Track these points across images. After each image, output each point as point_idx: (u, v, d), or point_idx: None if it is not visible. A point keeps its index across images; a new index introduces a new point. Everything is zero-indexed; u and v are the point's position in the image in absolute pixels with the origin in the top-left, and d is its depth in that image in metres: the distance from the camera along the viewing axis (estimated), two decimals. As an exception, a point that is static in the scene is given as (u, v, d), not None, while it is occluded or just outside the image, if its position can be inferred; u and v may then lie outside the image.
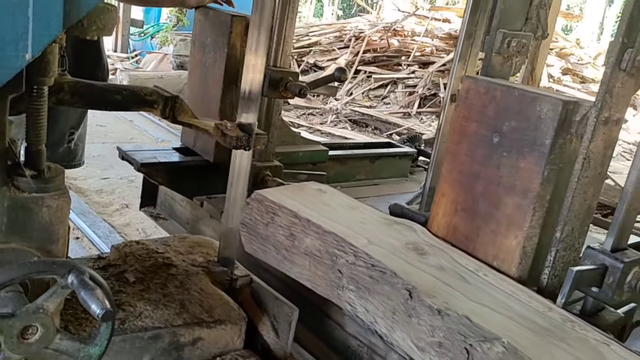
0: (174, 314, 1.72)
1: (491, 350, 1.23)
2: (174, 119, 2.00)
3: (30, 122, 1.32)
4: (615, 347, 1.32)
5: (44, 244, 1.33)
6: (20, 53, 1.10)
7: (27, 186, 1.29)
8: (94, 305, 1.09)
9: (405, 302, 1.43)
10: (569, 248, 1.64)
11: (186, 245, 2.12)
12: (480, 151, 1.69)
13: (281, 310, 1.89)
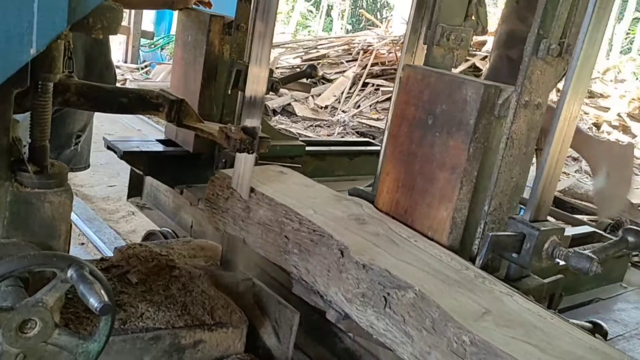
0: (175, 316, 1.72)
1: (404, 296, 1.42)
2: (179, 123, 2.01)
3: (35, 118, 1.33)
4: (518, 298, 1.47)
5: (45, 240, 1.34)
6: (25, 47, 1.10)
7: (29, 182, 1.30)
8: (93, 298, 1.09)
9: (338, 260, 1.60)
10: (498, 221, 1.77)
11: (189, 249, 2.12)
12: (418, 132, 1.84)
13: (283, 315, 1.88)
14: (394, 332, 1.46)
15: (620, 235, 1.84)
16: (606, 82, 8.76)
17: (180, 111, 2.00)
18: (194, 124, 2.02)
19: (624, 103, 8.25)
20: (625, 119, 8.07)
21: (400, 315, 1.43)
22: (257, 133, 1.85)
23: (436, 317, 1.35)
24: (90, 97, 1.87)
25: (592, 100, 8.35)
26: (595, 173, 3.51)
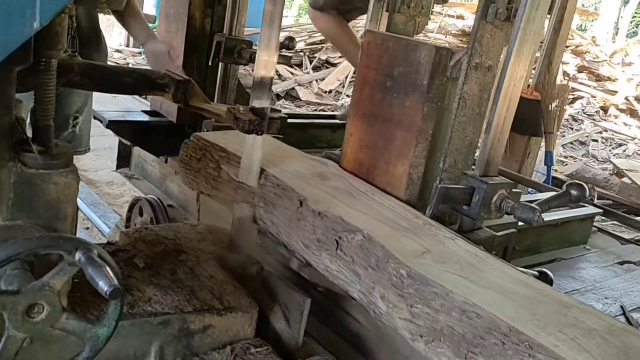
0: (183, 300, 1.68)
1: (354, 239, 1.54)
2: (186, 103, 1.97)
3: (38, 97, 1.29)
4: (459, 242, 1.57)
5: (51, 222, 1.30)
6: (28, 21, 1.06)
7: (33, 162, 1.26)
8: (102, 282, 1.05)
9: (297, 210, 1.72)
10: (453, 178, 1.87)
11: (197, 232, 2.08)
12: (378, 94, 1.92)
13: (292, 299, 1.84)
14: (344, 273, 1.58)
15: (564, 189, 1.90)
16: (613, 65, 8.65)
17: (186, 91, 1.97)
18: (201, 105, 1.98)
19: (631, 86, 8.16)
20: (632, 102, 7.99)
21: (349, 256, 1.55)
22: (267, 114, 1.81)
23: (380, 255, 1.47)
24: (94, 77, 1.83)
25: (600, 84, 8.26)
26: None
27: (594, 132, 7.28)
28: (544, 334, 1.17)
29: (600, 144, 7.09)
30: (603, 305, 2.54)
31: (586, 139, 7.12)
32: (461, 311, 1.26)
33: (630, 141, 7.16)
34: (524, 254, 2.73)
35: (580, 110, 7.61)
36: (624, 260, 3.06)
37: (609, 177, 5.84)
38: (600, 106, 7.89)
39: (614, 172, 6.10)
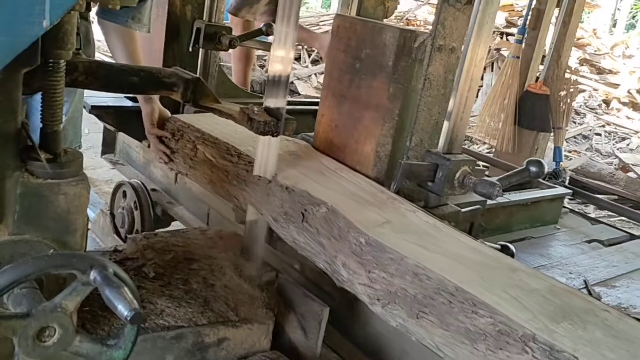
0: (197, 313, 1.60)
1: (318, 211, 1.61)
2: (195, 103, 1.88)
3: (46, 100, 1.19)
4: (420, 214, 1.65)
5: (60, 235, 1.21)
6: (36, 19, 0.97)
7: (41, 171, 1.16)
8: (121, 306, 0.96)
9: (267, 186, 1.78)
10: (419, 156, 1.94)
11: (207, 238, 1.99)
12: (347, 76, 1.98)
13: (310, 308, 1.76)
14: (310, 244, 1.64)
15: (524, 166, 1.97)
16: (615, 57, 8.58)
17: (196, 91, 1.88)
18: (212, 104, 1.89)
19: (634, 79, 8.09)
20: (635, 95, 7.92)
21: (314, 228, 1.61)
22: (282, 114, 1.72)
23: (342, 226, 1.54)
24: (99, 76, 1.74)
25: (602, 77, 8.19)
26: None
27: (597, 125, 7.21)
28: (488, 294, 1.24)
29: (604, 138, 7.02)
30: (567, 279, 2.63)
31: (589, 133, 7.05)
32: (414, 274, 1.35)
33: (633, 135, 7.09)
34: (495, 233, 2.82)
35: (583, 104, 7.54)
36: (592, 239, 3.16)
37: (614, 171, 5.77)
38: (602, 99, 7.82)
39: (619, 166, 6.03)
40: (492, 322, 1.19)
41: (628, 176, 5.67)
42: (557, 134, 4.31)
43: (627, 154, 6.41)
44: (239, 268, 1.85)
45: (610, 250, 3.08)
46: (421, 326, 1.32)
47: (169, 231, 2.02)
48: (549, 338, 1.12)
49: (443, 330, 1.27)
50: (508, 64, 4.27)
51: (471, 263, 1.40)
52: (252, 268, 1.87)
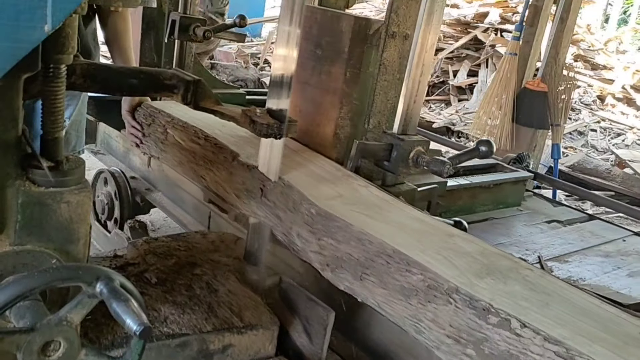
0: (201, 319, 1.57)
1: (276, 187, 1.72)
2: (196, 105, 1.84)
3: (47, 106, 1.16)
4: (373, 189, 1.74)
5: (63, 245, 1.17)
6: (38, 24, 0.93)
7: (43, 179, 1.13)
8: (130, 320, 0.93)
9: (230, 164, 1.88)
10: (377, 138, 2.04)
11: (208, 242, 1.96)
12: (310, 63, 2.08)
13: (314, 313, 1.73)
14: (270, 217, 1.74)
15: (475, 146, 2.06)
16: (609, 53, 8.58)
17: (196, 93, 1.84)
18: (213, 106, 1.85)
19: (628, 75, 8.09)
20: (629, 91, 7.92)
21: (272, 202, 1.72)
22: (285, 116, 1.69)
23: (296, 198, 1.63)
24: (97, 79, 1.70)
25: (596, 72, 8.18)
26: None
27: (592, 121, 7.21)
28: (422, 254, 1.37)
29: (599, 134, 7.02)
30: (522, 255, 2.74)
31: (584, 129, 7.04)
32: (358, 240, 1.45)
33: (628, 130, 7.09)
34: (458, 214, 2.87)
35: (578, 100, 7.53)
36: (552, 219, 3.30)
37: (610, 168, 5.77)
38: (597, 95, 7.82)
39: (616, 162, 6.03)
40: (422, 279, 1.31)
41: (625, 172, 5.67)
42: (555, 131, 4.30)
43: (624, 150, 6.41)
44: (242, 272, 1.83)
45: (568, 229, 3.21)
46: (364, 287, 1.44)
47: (170, 235, 1.99)
48: (471, 290, 1.24)
49: (382, 289, 1.39)
50: (505, 61, 4.25)
51: (411, 230, 1.51)
52: (255, 272, 1.84)
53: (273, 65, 1.70)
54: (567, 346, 1.08)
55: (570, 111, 6.84)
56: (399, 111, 1.98)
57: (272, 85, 1.71)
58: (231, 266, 1.83)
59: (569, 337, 1.10)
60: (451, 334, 1.24)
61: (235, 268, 1.82)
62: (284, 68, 1.68)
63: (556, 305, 1.23)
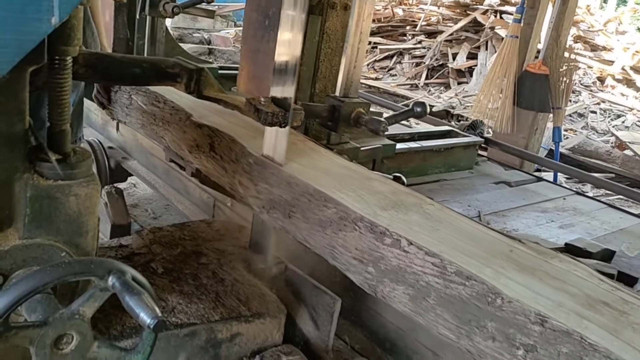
0: (209, 308, 1.58)
1: (222, 142, 1.86)
2: (200, 94, 1.83)
3: (53, 99, 1.15)
4: (309, 143, 1.87)
5: (72, 238, 1.17)
6: (45, 16, 0.92)
7: (51, 172, 1.12)
8: (143, 313, 0.93)
9: (184, 123, 2.02)
10: (323, 101, 2.19)
11: (214, 231, 1.97)
12: (259, 32, 2.19)
13: (321, 301, 1.74)
14: (217, 169, 1.88)
15: (410, 107, 2.32)
16: (608, 34, 8.53)
17: (200, 81, 1.82)
18: (216, 95, 1.84)
19: (627, 56, 8.06)
20: (629, 72, 7.90)
21: (219, 155, 1.85)
22: (290, 104, 1.68)
23: (238, 150, 1.79)
24: (99, 68, 1.68)
25: (596, 54, 8.15)
26: None
27: (592, 103, 7.19)
28: (338, 192, 1.54)
29: (599, 116, 7.01)
30: (464, 210, 2.95)
31: (584, 111, 7.03)
32: (287, 183, 1.62)
33: (628, 112, 7.07)
34: (410, 175, 3.09)
35: (578, 82, 7.51)
36: (501, 181, 3.51)
37: (611, 150, 5.76)
38: (597, 77, 7.79)
39: (616, 144, 6.03)
40: (335, 212, 1.49)
41: (625, 154, 5.67)
42: (557, 114, 4.29)
43: (624, 132, 6.40)
44: (248, 261, 1.83)
45: (514, 189, 3.42)
46: (292, 223, 1.61)
47: (174, 225, 1.99)
48: (373, 219, 1.42)
49: (305, 223, 1.57)
50: (507, 44, 4.22)
51: (335, 174, 1.67)
52: (261, 261, 1.85)
53: (277, 51, 1.68)
54: (442, 258, 1.27)
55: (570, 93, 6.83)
56: (340, 76, 2.17)
57: (276, 73, 1.69)
58: (237, 255, 1.83)
59: (446, 252, 1.30)
60: (356, 256, 1.45)
61: (241, 257, 1.83)
62: (289, 54, 1.66)
63: (444, 230, 1.42)
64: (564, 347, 1.09)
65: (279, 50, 1.68)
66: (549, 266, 1.32)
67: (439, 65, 8.03)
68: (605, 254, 2.31)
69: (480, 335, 1.20)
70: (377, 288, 1.41)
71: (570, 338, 1.08)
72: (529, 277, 1.25)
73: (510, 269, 1.28)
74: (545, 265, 1.32)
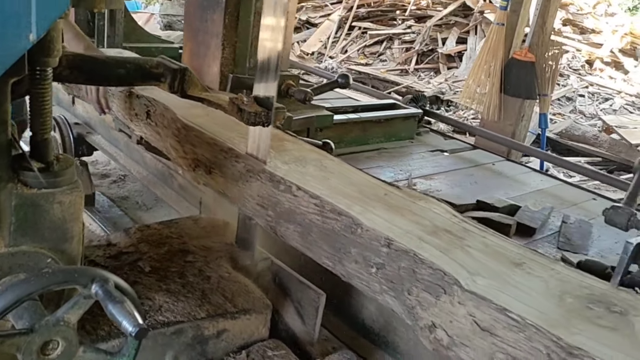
0: (195, 306, 1.61)
1: (156, 110, 2.05)
2: (183, 94, 1.84)
3: (35, 108, 1.17)
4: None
5: (57, 244, 1.19)
6: (23, 32, 0.94)
7: (35, 181, 1.14)
8: (125, 321, 0.96)
9: (126, 97, 2.18)
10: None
11: (200, 228, 1.99)
12: (199, 12, 2.47)
13: (306, 295, 1.78)
14: (154, 135, 2.08)
15: (335, 78, 2.64)
16: (597, 16, 8.54)
17: (183, 81, 1.84)
18: (200, 94, 1.86)
19: (616, 38, 8.08)
20: (617, 54, 7.92)
21: (154, 122, 2.06)
22: (272, 104, 1.70)
23: (169, 117, 1.98)
24: (84, 69, 1.70)
25: (585, 37, 8.16)
26: None
27: (581, 87, 7.22)
28: (234, 140, 1.80)
29: (587, 99, 7.04)
30: (395, 174, 3.16)
31: (573, 95, 7.06)
32: (207, 144, 1.81)
33: (616, 95, 7.11)
34: (351, 145, 3.43)
35: (566, 65, 7.53)
36: (437, 149, 3.67)
37: (598, 134, 5.81)
38: (585, 60, 7.82)
39: (603, 128, 6.07)
40: (244, 166, 1.70)
41: (612, 138, 5.71)
42: (543, 101, 4.32)
43: (611, 116, 6.44)
44: (234, 258, 1.86)
45: (447, 156, 3.60)
46: (212, 179, 1.81)
47: (162, 222, 2.02)
48: (273, 171, 1.63)
49: (222, 178, 1.77)
50: (493, 31, 4.24)
51: (236, 127, 1.84)
52: (247, 257, 1.88)
53: (261, 36, 1.68)
54: (321, 199, 1.50)
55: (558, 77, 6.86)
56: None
57: (258, 69, 1.71)
58: (223, 252, 1.86)
59: (327, 195, 1.51)
60: (259, 202, 1.66)
61: (227, 254, 1.86)
62: (269, 48, 1.67)
63: (333, 179, 1.64)
64: (402, 263, 1.32)
65: (263, 35, 1.68)
66: (414, 206, 1.56)
67: (429, 50, 8.03)
68: (511, 209, 2.54)
69: (347, 260, 1.45)
70: (276, 228, 1.63)
71: (407, 255, 1.32)
72: (392, 214, 1.49)
73: (378, 207, 1.51)
74: (412, 205, 1.56)
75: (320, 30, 8.77)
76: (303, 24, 9.20)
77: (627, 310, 1.21)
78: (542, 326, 1.10)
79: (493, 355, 1.16)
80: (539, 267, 1.35)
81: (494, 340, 1.15)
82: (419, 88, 7.04)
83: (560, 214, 2.49)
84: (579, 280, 1.31)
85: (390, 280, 1.35)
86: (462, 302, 1.21)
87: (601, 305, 1.23)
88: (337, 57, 8.25)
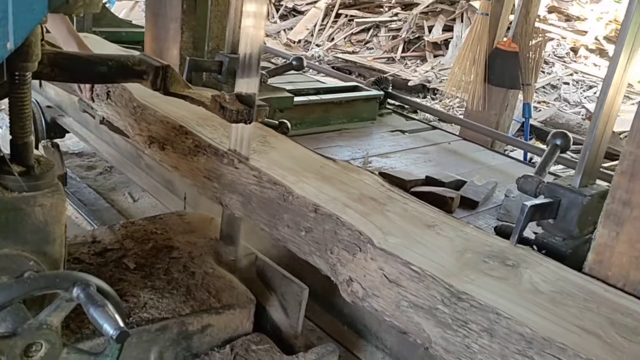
0: (180, 302, 1.63)
1: (116, 91, 2.20)
2: (166, 91, 1.85)
3: (14, 113, 1.18)
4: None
5: (39, 247, 1.21)
6: (0, 42, 0.95)
7: (16, 185, 1.16)
8: (107, 324, 0.98)
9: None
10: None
11: (184, 224, 2.01)
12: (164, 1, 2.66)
13: (289, 289, 1.80)
14: (114, 115, 2.24)
15: (289, 61, 2.92)
16: (582, 4, 8.57)
17: (166, 78, 1.84)
18: (183, 91, 1.86)
19: (601, 25, 8.11)
20: (602, 42, 7.96)
21: (114, 102, 2.21)
22: (255, 101, 1.71)
23: (127, 97, 2.12)
24: (65, 67, 1.69)
25: (570, 24, 8.19)
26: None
27: (565, 74, 7.26)
28: (198, 127, 1.94)
29: (572, 87, 7.09)
30: (352, 152, 3.23)
31: (557, 83, 7.10)
32: (160, 122, 1.95)
33: (600, 82, 7.15)
34: (313, 125, 3.50)
35: (551, 53, 7.57)
36: (397, 129, 3.73)
37: (581, 122, 5.86)
38: (570, 47, 7.85)
39: (587, 116, 6.12)
40: (192, 142, 1.86)
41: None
42: (526, 91, 4.35)
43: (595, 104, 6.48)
44: (219, 253, 1.88)
45: (406, 136, 3.65)
46: (166, 155, 1.95)
47: (147, 218, 2.03)
48: (218, 145, 1.80)
49: (174, 153, 1.92)
50: (477, 21, 4.25)
51: (201, 114, 1.94)
52: (231, 252, 1.90)
53: (243, 24, 1.69)
54: (260, 171, 1.66)
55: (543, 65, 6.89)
56: (227, 35, 2.50)
57: (240, 67, 1.71)
58: (207, 247, 1.88)
59: (265, 167, 1.69)
60: (206, 175, 1.80)
61: (211, 249, 1.88)
62: (251, 44, 1.68)
63: (275, 154, 1.82)
64: (327, 226, 1.46)
65: (245, 22, 1.69)
66: (346, 177, 1.72)
67: (415, 38, 8.03)
68: (457, 184, 2.63)
69: (281, 225, 1.59)
70: (221, 199, 1.78)
71: (331, 219, 1.46)
72: (323, 183, 1.65)
73: (312, 178, 1.67)
74: (344, 177, 1.72)
75: (306, 18, 8.74)
76: (289, 11, 9.16)
77: (518, 263, 1.37)
78: (438, 276, 1.25)
79: (399, 303, 1.30)
80: (449, 228, 1.49)
81: (399, 290, 1.30)
82: (405, 76, 7.05)
83: (505, 189, 2.55)
84: (483, 239, 1.46)
85: (316, 241, 1.50)
86: (373, 258, 1.36)
87: (497, 259, 1.38)
88: (324, 45, 8.23)
